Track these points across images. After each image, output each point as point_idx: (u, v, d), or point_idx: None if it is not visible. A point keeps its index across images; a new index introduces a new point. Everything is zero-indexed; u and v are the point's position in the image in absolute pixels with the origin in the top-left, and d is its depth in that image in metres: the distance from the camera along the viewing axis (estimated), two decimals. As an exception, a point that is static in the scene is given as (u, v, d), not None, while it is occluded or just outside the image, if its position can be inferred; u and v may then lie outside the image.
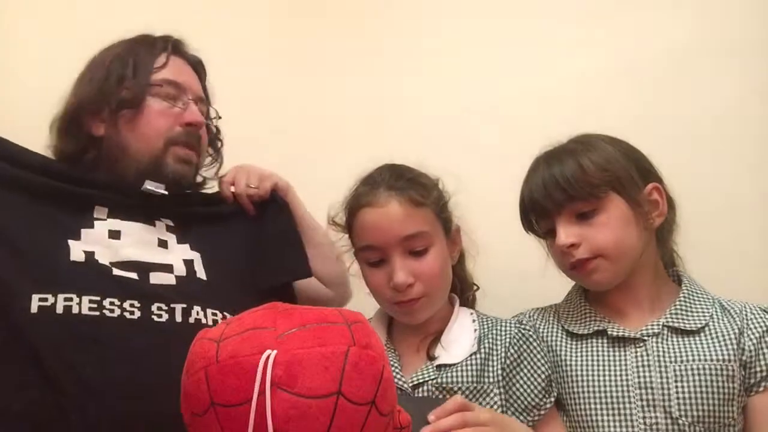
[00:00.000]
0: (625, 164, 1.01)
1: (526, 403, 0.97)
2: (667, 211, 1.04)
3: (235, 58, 1.57)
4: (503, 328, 1.03)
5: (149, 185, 1.06)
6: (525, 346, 1.00)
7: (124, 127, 1.07)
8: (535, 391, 0.98)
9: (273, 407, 0.61)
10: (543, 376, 0.99)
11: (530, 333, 1.02)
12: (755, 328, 0.98)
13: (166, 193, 1.07)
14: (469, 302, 1.14)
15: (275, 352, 0.63)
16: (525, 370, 0.99)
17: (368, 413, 0.65)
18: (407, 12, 1.63)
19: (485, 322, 1.05)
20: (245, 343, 0.65)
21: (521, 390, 0.98)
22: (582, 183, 0.99)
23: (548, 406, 0.98)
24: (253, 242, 1.17)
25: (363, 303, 1.11)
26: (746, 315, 1.00)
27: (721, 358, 0.96)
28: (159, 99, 1.08)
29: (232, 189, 1.18)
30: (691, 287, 1.05)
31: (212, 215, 1.16)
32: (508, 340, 1.01)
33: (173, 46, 1.14)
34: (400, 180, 1.01)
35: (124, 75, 1.07)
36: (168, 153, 1.08)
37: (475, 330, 1.03)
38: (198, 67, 1.19)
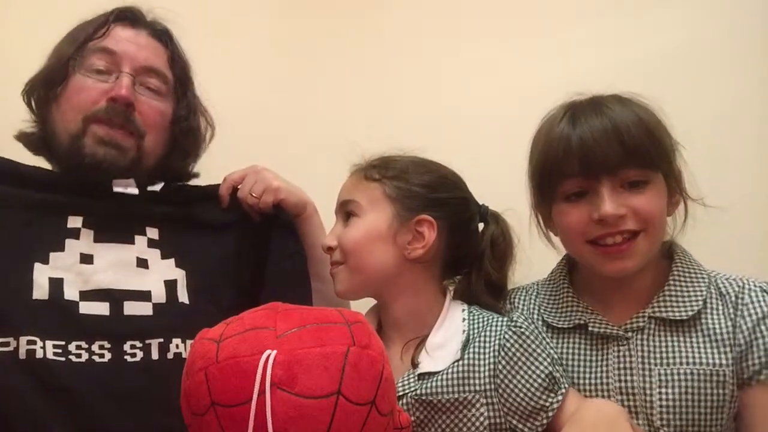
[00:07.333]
0: (668, 141, 0.92)
1: (529, 407, 0.88)
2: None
3: (235, 57, 1.57)
4: (493, 330, 0.93)
5: (117, 187, 0.95)
6: (518, 346, 0.91)
7: (52, 108, 0.97)
8: (537, 393, 0.89)
9: (273, 407, 0.61)
10: (544, 374, 0.89)
11: (524, 329, 0.92)
12: (749, 315, 0.89)
13: (137, 192, 0.96)
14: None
15: (275, 352, 0.63)
16: (522, 372, 0.90)
17: (368, 413, 0.65)
18: (407, 11, 1.63)
19: (476, 322, 0.95)
20: (245, 343, 0.65)
21: (520, 394, 0.89)
22: (644, 137, 0.86)
23: (555, 405, 0.88)
24: (248, 261, 1.05)
25: (362, 303, 1.11)
26: (742, 299, 0.91)
27: (711, 362, 0.88)
28: (86, 73, 0.96)
29: (238, 189, 1.06)
30: (682, 265, 0.95)
31: (204, 219, 1.04)
32: (498, 344, 0.91)
33: (118, 14, 1.00)
34: (379, 160, 1.04)
35: (62, 48, 0.98)
36: (87, 132, 0.94)
37: (464, 331, 0.94)
38: (161, 36, 1.04)
